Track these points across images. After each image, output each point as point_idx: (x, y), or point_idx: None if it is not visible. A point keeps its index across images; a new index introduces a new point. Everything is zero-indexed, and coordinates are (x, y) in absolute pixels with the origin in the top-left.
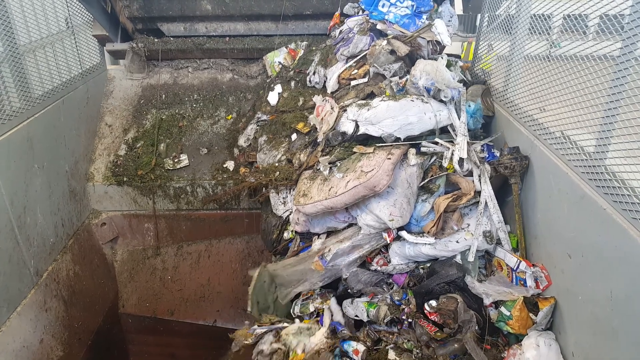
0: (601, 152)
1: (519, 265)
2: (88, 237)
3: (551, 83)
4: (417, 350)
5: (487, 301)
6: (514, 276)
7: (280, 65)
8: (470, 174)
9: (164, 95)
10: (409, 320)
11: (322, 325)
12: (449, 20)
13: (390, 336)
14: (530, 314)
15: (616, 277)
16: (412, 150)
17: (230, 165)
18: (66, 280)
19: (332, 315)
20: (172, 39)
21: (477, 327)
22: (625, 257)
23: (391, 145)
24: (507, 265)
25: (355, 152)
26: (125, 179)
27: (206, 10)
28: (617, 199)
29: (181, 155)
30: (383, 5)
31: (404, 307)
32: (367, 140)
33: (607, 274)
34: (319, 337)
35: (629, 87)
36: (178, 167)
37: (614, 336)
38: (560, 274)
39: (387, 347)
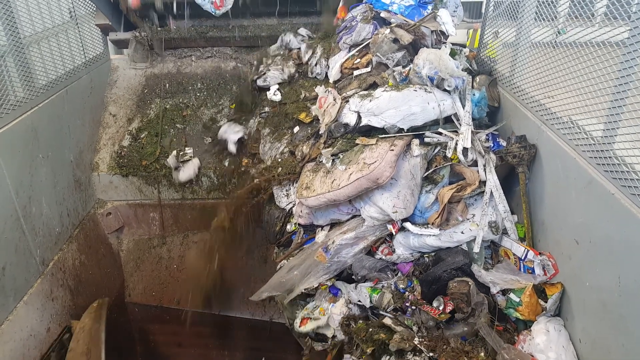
0: (609, 137)
1: (526, 254)
2: (94, 227)
3: (558, 68)
4: (417, 328)
5: (494, 290)
6: (522, 265)
7: None
8: (475, 163)
9: (167, 85)
10: (413, 307)
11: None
12: (454, 11)
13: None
14: (540, 300)
15: (624, 263)
16: (416, 141)
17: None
18: (72, 270)
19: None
20: (175, 27)
21: (488, 312)
22: (633, 242)
23: (394, 136)
24: (514, 255)
25: (357, 144)
26: (130, 170)
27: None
28: (625, 184)
29: (186, 148)
30: None
31: (408, 294)
32: (370, 131)
33: (615, 260)
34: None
35: (638, 69)
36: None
37: (621, 323)
38: (567, 260)
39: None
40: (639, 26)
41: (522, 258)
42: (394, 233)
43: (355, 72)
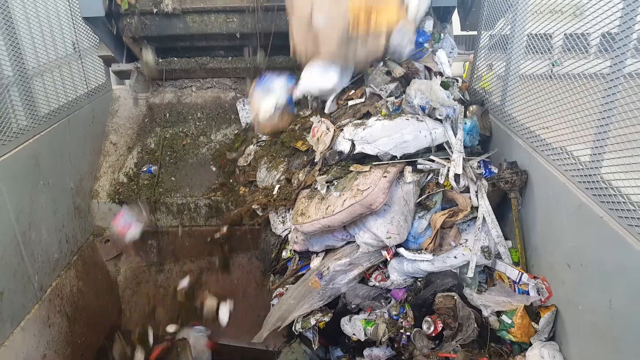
0: (596, 162)
1: (521, 277)
2: (92, 254)
3: (547, 99)
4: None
5: (485, 312)
6: (517, 288)
7: None
8: (467, 190)
9: (167, 114)
10: (407, 334)
11: None
12: (450, 52)
13: None
14: (532, 322)
15: (615, 286)
16: (408, 168)
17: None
18: (70, 296)
19: None
20: (176, 59)
21: (476, 327)
22: (623, 265)
23: (387, 163)
24: (508, 278)
25: (351, 171)
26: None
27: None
28: (613, 207)
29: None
30: None
31: (401, 320)
32: (364, 158)
33: (606, 283)
34: None
35: (620, 97)
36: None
37: (615, 346)
38: (561, 284)
39: None
40: (619, 61)
41: (517, 281)
42: (389, 259)
43: (350, 103)
